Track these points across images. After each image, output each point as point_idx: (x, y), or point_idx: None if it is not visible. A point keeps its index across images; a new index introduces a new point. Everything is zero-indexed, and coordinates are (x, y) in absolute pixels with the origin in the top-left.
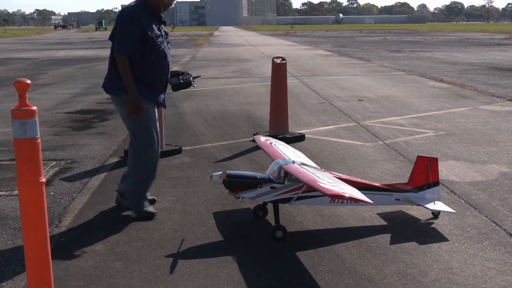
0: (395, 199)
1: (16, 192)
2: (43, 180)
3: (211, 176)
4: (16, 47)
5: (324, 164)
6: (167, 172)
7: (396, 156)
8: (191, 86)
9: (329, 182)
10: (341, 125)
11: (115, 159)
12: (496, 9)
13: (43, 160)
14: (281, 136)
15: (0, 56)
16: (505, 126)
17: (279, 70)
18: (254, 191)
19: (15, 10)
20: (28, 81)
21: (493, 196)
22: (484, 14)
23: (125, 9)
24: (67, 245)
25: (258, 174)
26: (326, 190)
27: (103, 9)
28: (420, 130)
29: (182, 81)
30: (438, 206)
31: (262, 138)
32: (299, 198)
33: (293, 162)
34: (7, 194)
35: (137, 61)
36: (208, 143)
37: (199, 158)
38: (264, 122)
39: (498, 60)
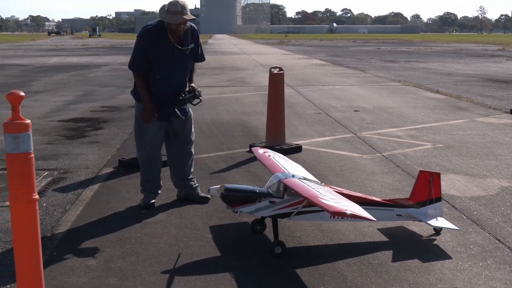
0: (397, 214)
1: (7, 203)
2: (36, 196)
3: (209, 190)
4: (9, 53)
5: (322, 177)
6: (162, 183)
7: (394, 169)
8: (189, 103)
9: (331, 198)
10: (338, 136)
11: (109, 169)
12: (489, 20)
13: (35, 170)
14: (278, 147)
15: None
16: (503, 139)
17: (276, 80)
18: (253, 205)
19: (8, 16)
20: (22, 93)
21: (495, 212)
22: (477, 25)
23: (142, 28)
24: (60, 259)
25: (257, 188)
26: (327, 206)
27: (97, 16)
28: (418, 142)
29: (180, 98)
30: (441, 222)
31: (260, 150)
32: (299, 213)
33: (293, 176)
34: None
35: (145, 77)
36: (204, 154)
37: (195, 169)
38: (260, 132)
39: (493, 71)
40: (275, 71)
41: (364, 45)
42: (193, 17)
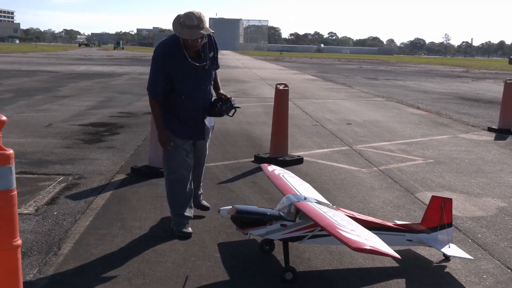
0: (407, 239)
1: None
2: (18, 242)
3: (219, 211)
4: (44, 61)
5: (324, 190)
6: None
7: (392, 184)
8: (227, 115)
9: (351, 229)
10: (335, 149)
11: (121, 176)
12: (452, 46)
13: (51, 174)
14: (281, 158)
15: (29, 68)
16: (487, 156)
17: (281, 95)
18: (264, 228)
19: (46, 29)
20: (4, 118)
21: (498, 235)
22: (442, 49)
23: (156, 47)
24: (63, 280)
25: (268, 210)
26: (348, 241)
27: (121, 31)
28: (409, 157)
29: (216, 110)
30: (454, 250)
31: (269, 168)
32: (312, 237)
33: (305, 198)
34: None
35: (168, 99)
36: (212, 162)
37: (203, 179)
38: (263, 142)
39: (463, 90)
40: (281, 87)
41: (348, 64)
42: (212, 30)
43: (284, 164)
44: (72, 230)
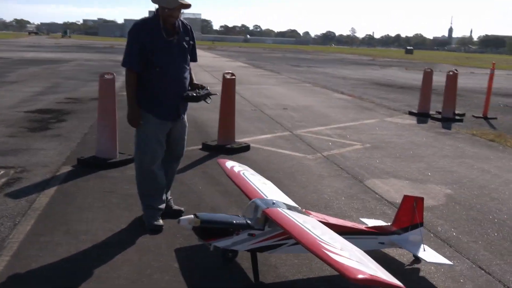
0: (379, 242)
1: None
2: None
3: (179, 221)
4: None
5: (275, 180)
6: (120, 187)
7: (339, 171)
8: (203, 101)
9: (341, 249)
10: (277, 134)
11: (67, 168)
12: (357, 38)
13: None
14: (229, 146)
15: None
16: (416, 139)
17: (229, 84)
18: (230, 239)
19: None
20: None
21: (457, 228)
22: (349, 41)
23: (133, 23)
24: None
25: (234, 218)
26: (344, 269)
27: (68, 21)
28: (348, 142)
29: (194, 95)
30: (431, 255)
31: (228, 164)
32: (280, 246)
33: (273, 203)
34: None
35: (142, 73)
36: None
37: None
38: (208, 128)
39: (376, 77)
40: (228, 76)
41: (272, 53)
42: (189, 2)
43: (232, 151)
44: (10, 237)
